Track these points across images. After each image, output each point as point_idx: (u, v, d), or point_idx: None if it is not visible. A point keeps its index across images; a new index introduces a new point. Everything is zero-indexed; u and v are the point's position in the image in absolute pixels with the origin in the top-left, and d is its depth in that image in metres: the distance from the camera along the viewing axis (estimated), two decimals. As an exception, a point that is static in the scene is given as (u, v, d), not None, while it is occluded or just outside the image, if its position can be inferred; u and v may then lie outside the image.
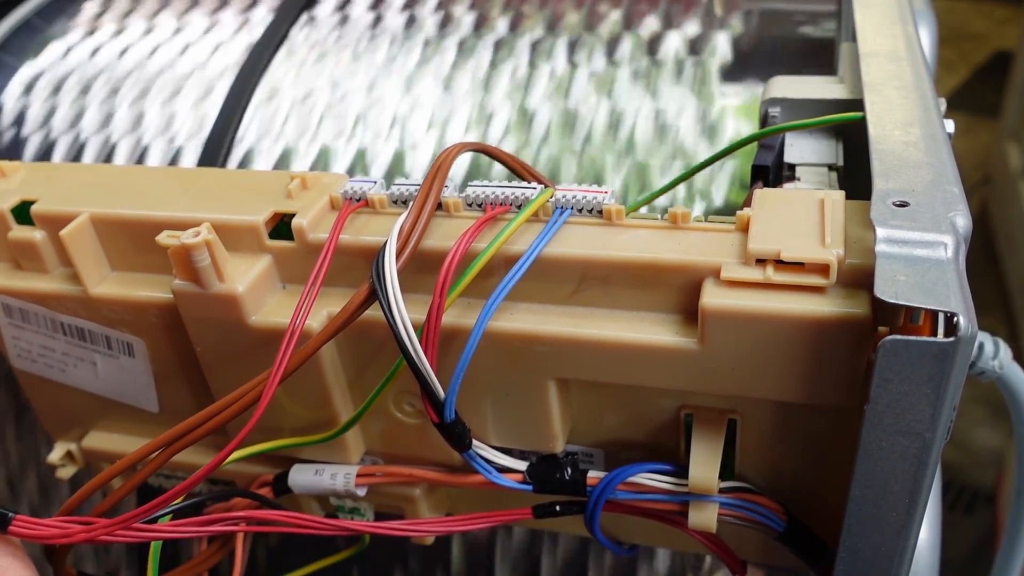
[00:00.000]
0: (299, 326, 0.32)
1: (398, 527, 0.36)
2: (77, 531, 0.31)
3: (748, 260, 0.31)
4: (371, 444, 0.40)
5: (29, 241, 0.38)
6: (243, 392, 0.32)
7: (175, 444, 0.32)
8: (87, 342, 0.40)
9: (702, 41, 0.56)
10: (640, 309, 0.33)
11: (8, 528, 0.31)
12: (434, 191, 0.34)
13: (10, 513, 0.31)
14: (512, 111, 0.54)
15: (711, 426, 0.35)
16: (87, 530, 0.31)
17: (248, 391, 0.32)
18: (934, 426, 0.28)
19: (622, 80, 0.54)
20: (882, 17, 0.44)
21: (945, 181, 0.31)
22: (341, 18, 0.63)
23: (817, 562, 0.36)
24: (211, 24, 0.65)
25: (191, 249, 0.34)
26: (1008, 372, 0.52)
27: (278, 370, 0.31)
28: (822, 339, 0.30)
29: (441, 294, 0.31)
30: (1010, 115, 1.69)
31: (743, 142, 0.39)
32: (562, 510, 0.37)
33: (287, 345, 0.32)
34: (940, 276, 0.27)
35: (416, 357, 0.31)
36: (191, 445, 0.32)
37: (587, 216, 0.34)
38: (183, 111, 0.59)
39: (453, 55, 0.58)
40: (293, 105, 0.58)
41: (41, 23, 0.69)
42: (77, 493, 0.33)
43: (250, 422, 0.31)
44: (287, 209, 0.36)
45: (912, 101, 0.36)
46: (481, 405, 0.36)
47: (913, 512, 0.30)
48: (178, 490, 0.32)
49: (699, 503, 0.35)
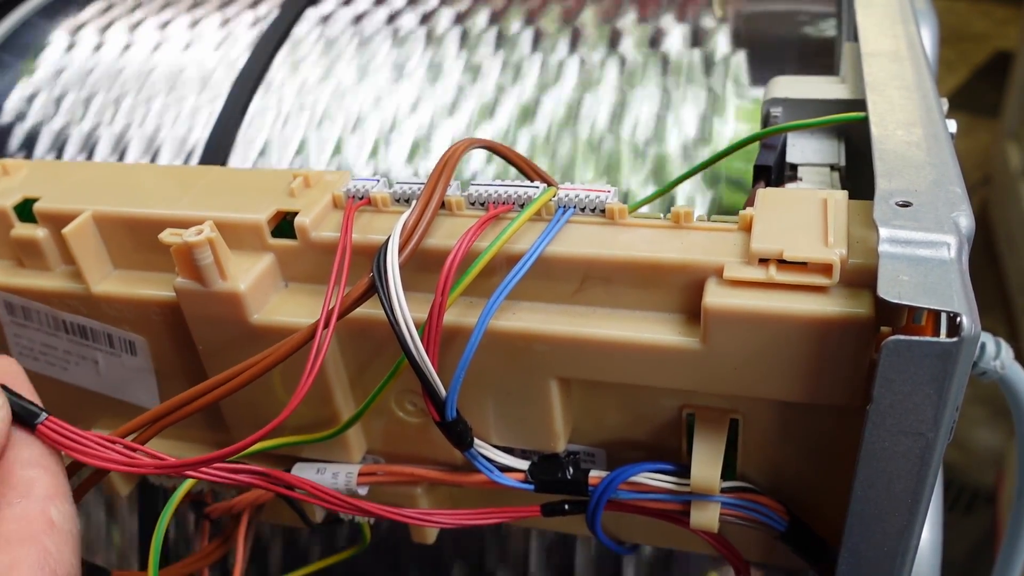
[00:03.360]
0: (332, 323, 0.32)
1: (408, 514, 0.36)
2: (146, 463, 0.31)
3: (751, 260, 0.31)
4: (373, 443, 0.40)
5: (32, 239, 0.38)
6: (241, 369, 0.32)
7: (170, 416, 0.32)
8: (89, 340, 0.40)
9: (702, 41, 0.56)
10: (642, 308, 0.33)
11: (36, 427, 0.29)
12: (440, 188, 0.34)
13: (43, 413, 0.29)
14: (515, 108, 0.54)
15: (713, 426, 0.35)
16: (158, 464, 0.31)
17: (246, 368, 0.32)
18: (937, 426, 0.28)
19: (619, 79, 0.55)
20: (884, 17, 0.44)
21: (948, 181, 0.31)
22: (345, 16, 0.63)
23: (819, 562, 0.36)
24: (213, 22, 0.65)
25: (194, 247, 0.34)
26: (1010, 372, 0.52)
27: (310, 373, 0.31)
28: (825, 339, 0.30)
29: (443, 293, 0.31)
30: (1010, 115, 1.69)
31: (745, 142, 0.39)
32: (571, 508, 0.37)
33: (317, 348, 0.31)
34: (943, 276, 0.27)
35: (417, 355, 0.31)
36: (188, 417, 0.32)
37: (589, 215, 0.34)
38: (184, 111, 0.59)
39: (455, 50, 0.58)
40: (294, 105, 0.58)
41: (41, 23, 0.69)
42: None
43: (283, 413, 0.31)
44: (290, 207, 0.36)
45: (914, 101, 0.36)
46: (483, 404, 0.36)
47: (915, 512, 0.30)
48: (224, 453, 0.32)
49: (701, 503, 0.35)
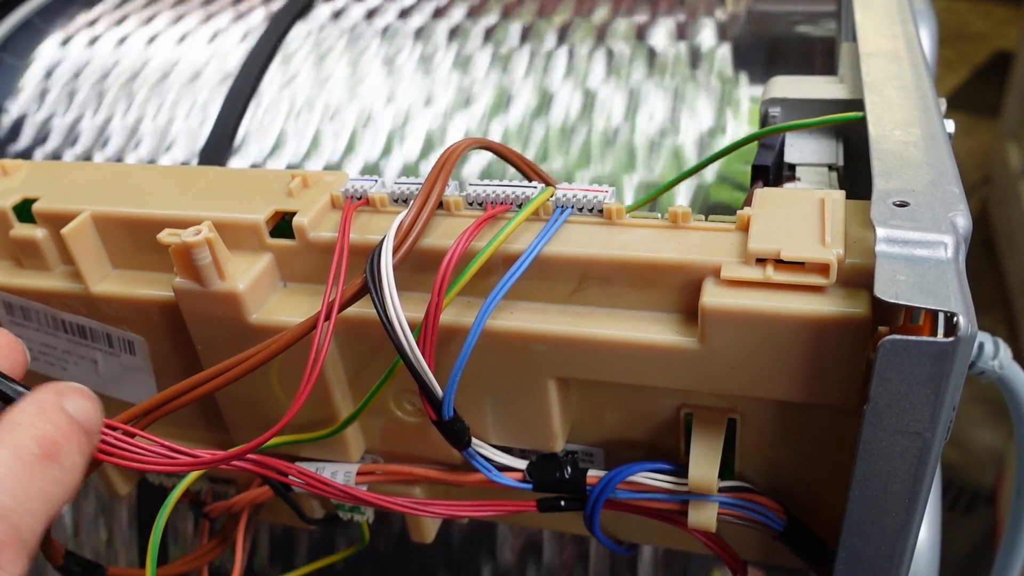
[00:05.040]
0: (333, 316, 0.32)
1: (404, 503, 0.36)
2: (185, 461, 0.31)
3: (748, 259, 0.31)
4: (371, 442, 0.40)
5: (31, 239, 0.39)
6: (237, 361, 0.32)
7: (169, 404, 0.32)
8: (88, 340, 0.40)
9: (701, 41, 0.56)
10: (640, 308, 0.33)
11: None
12: (437, 187, 0.34)
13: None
14: (531, 99, 0.54)
15: (711, 425, 0.35)
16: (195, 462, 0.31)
17: (242, 361, 0.32)
18: (934, 426, 0.28)
19: (608, 78, 0.55)
20: (882, 17, 0.44)
21: (945, 181, 0.31)
22: (346, 17, 0.63)
23: (817, 562, 0.36)
24: (213, 23, 0.65)
25: (192, 247, 0.34)
26: (1008, 372, 0.52)
27: (313, 369, 0.31)
28: (822, 339, 0.30)
29: (439, 293, 0.31)
30: (1010, 115, 1.69)
31: (743, 141, 0.39)
32: (566, 505, 0.37)
33: (318, 343, 0.32)
34: (940, 276, 0.27)
35: (412, 355, 0.31)
36: (183, 407, 0.32)
37: (587, 215, 0.34)
38: (183, 111, 0.59)
39: (452, 52, 0.58)
40: (295, 105, 0.58)
41: (41, 23, 0.69)
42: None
43: (292, 407, 0.31)
44: (288, 208, 0.36)
45: (912, 101, 0.36)
46: (481, 404, 0.36)
47: (913, 512, 0.30)
48: (244, 449, 0.32)
49: (699, 502, 0.35)
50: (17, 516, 0.25)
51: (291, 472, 0.35)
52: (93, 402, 0.29)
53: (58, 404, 0.28)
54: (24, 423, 0.27)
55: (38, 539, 0.25)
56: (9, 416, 0.27)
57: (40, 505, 0.25)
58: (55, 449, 0.27)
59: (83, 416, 0.28)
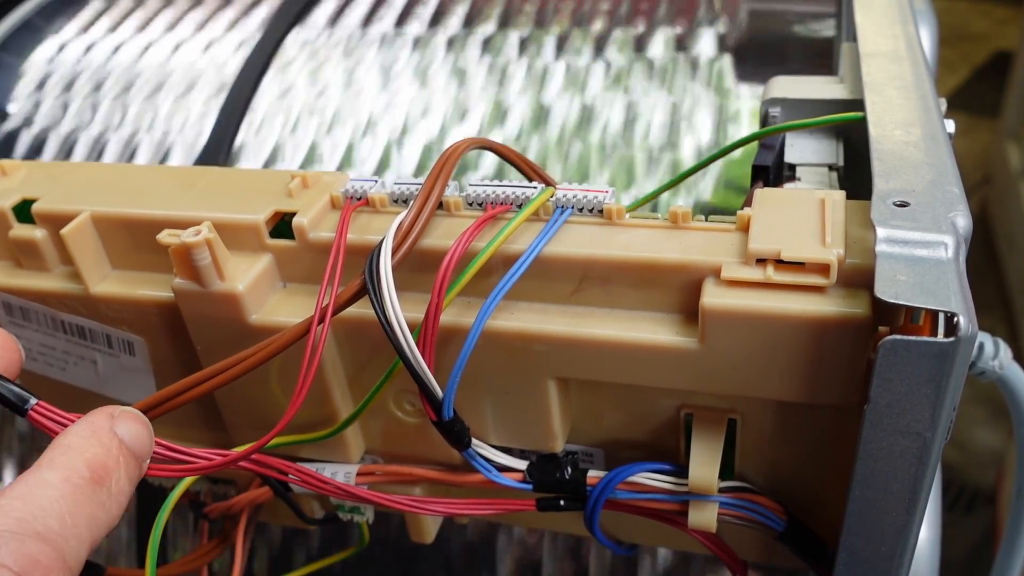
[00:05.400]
0: (326, 325, 0.32)
1: (403, 501, 0.36)
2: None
3: (748, 260, 0.31)
4: (371, 443, 0.40)
5: (30, 239, 0.38)
6: (235, 361, 0.32)
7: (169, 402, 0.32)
8: (87, 340, 0.40)
9: (701, 41, 0.56)
10: (640, 308, 0.33)
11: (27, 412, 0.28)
12: (437, 188, 0.34)
13: (32, 398, 0.28)
14: (529, 108, 0.54)
15: (711, 426, 0.35)
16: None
17: (240, 360, 0.32)
18: (934, 426, 0.28)
19: (601, 79, 0.55)
20: (883, 17, 0.44)
21: (945, 181, 0.31)
22: (347, 19, 0.63)
23: (817, 562, 0.36)
24: (212, 24, 0.65)
25: (192, 248, 0.34)
26: (1008, 372, 0.52)
27: (309, 368, 0.31)
28: (822, 339, 0.30)
29: (439, 293, 0.31)
30: (1010, 115, 1.69)
31: (743, 141, 0.39)
32: (565, 504, 0.37)
33: (311, 348, 0.32)
34: (940, 276, 0.27)
35: (411, 355, 0.31)
36: (181, 406, 0.32)
37: (588, 215, 0.34)
38: (182, 111, 0.59)
39: (445, 55, 0.58)
40: (290, 117, 0.57)
41: (41, 23, 0.69)
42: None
43: (290, 408, 0.31)
44: (288, 208, 0.36)
45: (912, 101, 0.36)
46: (481, 404, 0.36)
47: (913, 512, 0.30)
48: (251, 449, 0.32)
49: (699, 503, 0.35)
50: (63, 541, 0.24)
51: (291, 471, 0.35)
52: (145, 427, 0.29)
53: (110, 428, 0.28)
54: (76, 446, 0.27)
55: (81, 565, 0.25)
56: (62, 438, 0.27)
57: (86, 531, 0.25)
58: (105, 474, 0.26)
59: (134, 441, 0.28)
